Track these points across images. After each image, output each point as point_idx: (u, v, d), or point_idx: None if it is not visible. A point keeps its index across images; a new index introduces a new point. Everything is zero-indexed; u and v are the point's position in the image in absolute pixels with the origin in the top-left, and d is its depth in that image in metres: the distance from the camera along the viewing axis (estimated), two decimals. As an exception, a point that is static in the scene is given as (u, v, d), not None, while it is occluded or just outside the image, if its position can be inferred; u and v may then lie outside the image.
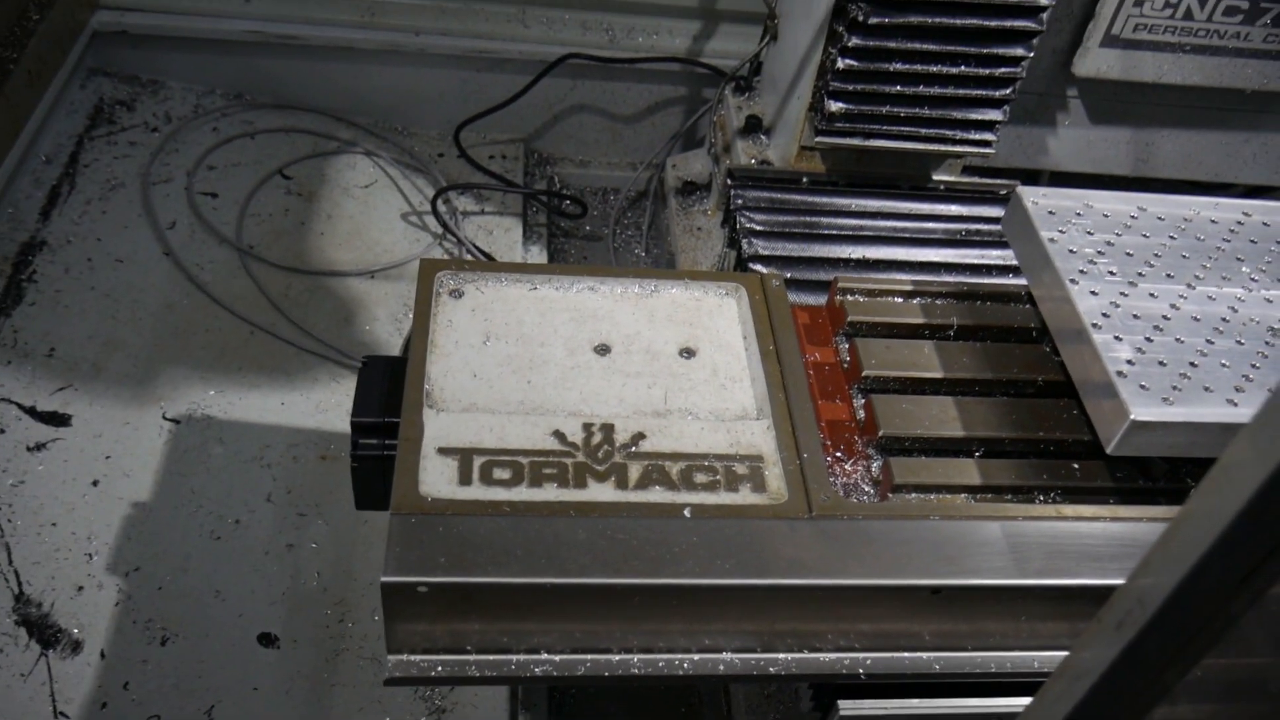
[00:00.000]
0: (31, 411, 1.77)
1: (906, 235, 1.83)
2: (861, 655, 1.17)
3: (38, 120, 2.19)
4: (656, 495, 1.15)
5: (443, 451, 1.15)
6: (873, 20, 1.67)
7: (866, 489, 1.26)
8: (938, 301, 1.44)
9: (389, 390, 1.25)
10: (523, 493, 1.13)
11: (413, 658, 1.11)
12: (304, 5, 2.41)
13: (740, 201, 1.84)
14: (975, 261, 1.80)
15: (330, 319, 2.05)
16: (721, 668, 1.15)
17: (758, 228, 1.79)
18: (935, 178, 1.96)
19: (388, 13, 2.43)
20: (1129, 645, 0.69)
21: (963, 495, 1.25)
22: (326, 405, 1.89)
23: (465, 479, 1.13)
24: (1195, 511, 0.63)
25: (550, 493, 1.13)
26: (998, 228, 1.77)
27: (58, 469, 1.71)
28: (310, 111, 2.49)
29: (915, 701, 1.23)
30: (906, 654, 1.18)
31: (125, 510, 1.67)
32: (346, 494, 1.72)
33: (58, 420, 1.76)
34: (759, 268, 1.69)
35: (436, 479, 1.12)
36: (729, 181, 1.90)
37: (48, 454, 1.72)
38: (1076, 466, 1.28)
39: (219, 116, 2.42)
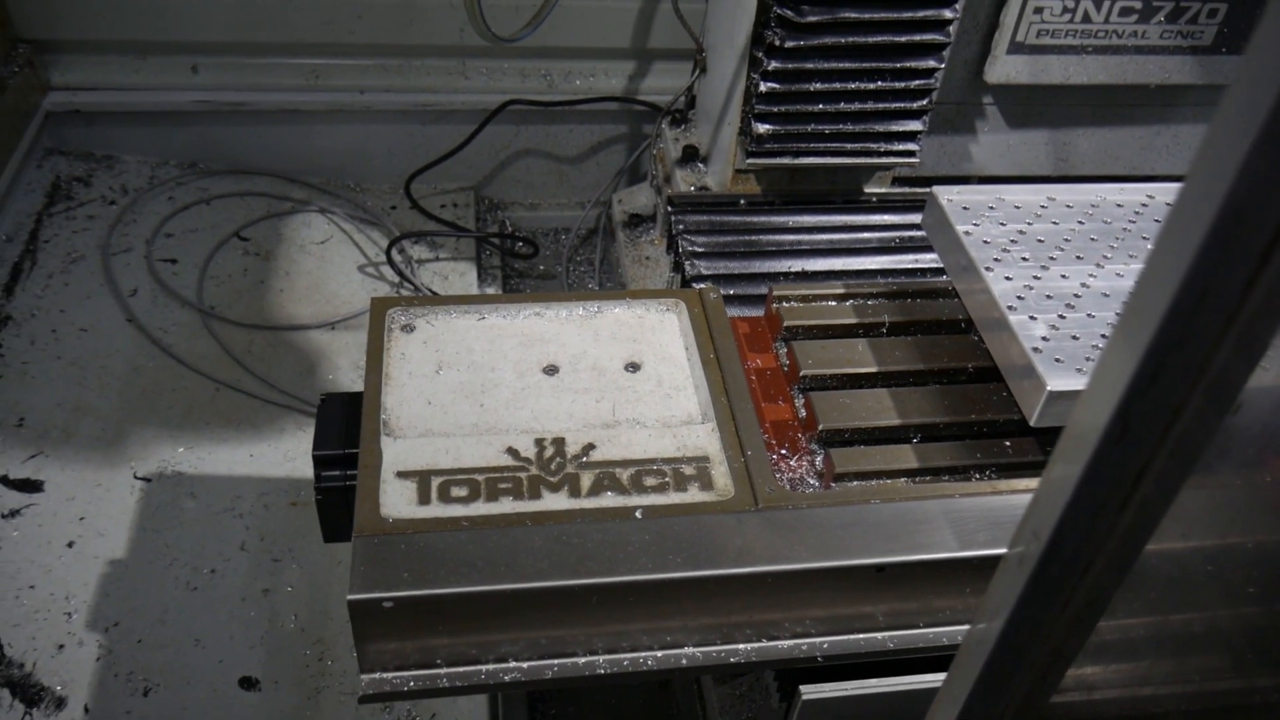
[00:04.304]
0: (4, 480, 1.80)
1: (842, 246, 1.90)
2: (818, 640, 1.21)
3: (-4, 201, 2.24)
4: (609, 500, 1.19)
5: (401, 475, 1.19)
6: (789, 44, 1.76)
7: (811, 481, 1.32)
8: (869, 302, 1.50)
9: (347, 424, 1.29)
10: (480, 507, 1.17)
11: (385, 675, 1.15)
12: (249, 72, 2.47)
13: (681, 226, 1.91)
14: (909, 266, 1.87)
15: (294, 371, 2.10)
16: (684, 661, 1.19)
17: (699, 249, 1.86)
18: (867, 190, 2.04)
19: (331, 74, 2.50)
20: (1031, 576, 0.74)
21: (902, 479, 1.30)
22: (294, 454, 1.93)
23: (424, 499, 1.17)
24: (1069, 434, 0.69)
25: (506, 505, 1.18)
26: (928, 232, 1.84)
27: (33, 533, 1.73)
28: (263, 175, 2.54)
29: (874, 681, 1.27)
30: (861, 635, 1.23)
31: (101, 568, 1.70)
32: (319, 537, 1.77)
33: (30, 487, 1.79)
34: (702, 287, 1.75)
35: (396, 501, 1.17)
36: (670, 209, 1.97)
37: (22, 519, 1.75)
38: (1008, 444, 1.34)
39: (174, 186, 2.47)
